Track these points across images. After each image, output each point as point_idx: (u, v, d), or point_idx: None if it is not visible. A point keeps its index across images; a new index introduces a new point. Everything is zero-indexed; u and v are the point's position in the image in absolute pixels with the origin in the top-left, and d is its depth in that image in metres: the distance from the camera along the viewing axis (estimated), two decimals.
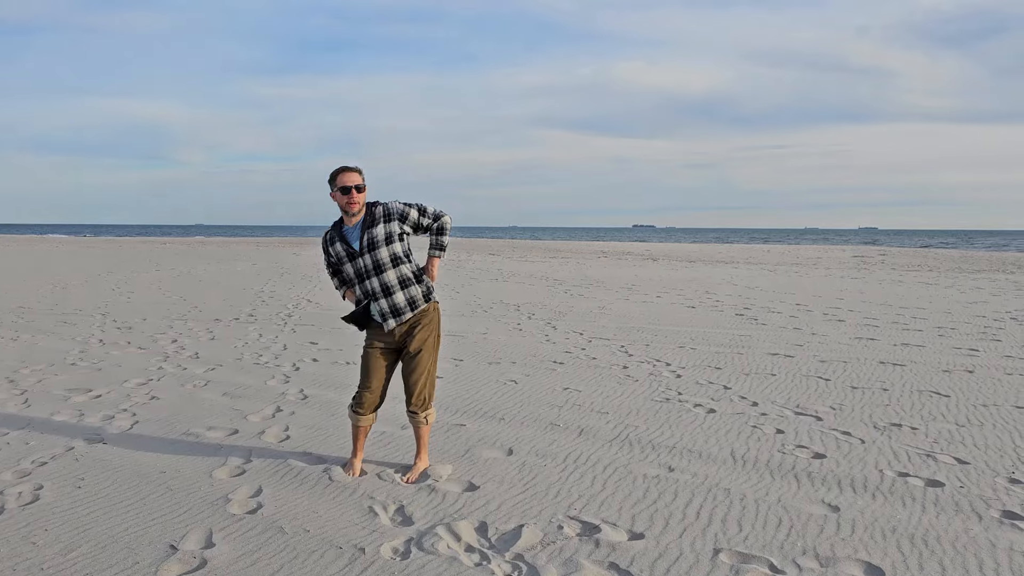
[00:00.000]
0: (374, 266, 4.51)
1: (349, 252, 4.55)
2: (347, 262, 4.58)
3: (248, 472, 4.85)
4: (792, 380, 7.73)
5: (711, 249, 51.69)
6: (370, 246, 4.50)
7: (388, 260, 4.53)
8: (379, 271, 4.53)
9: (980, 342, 10.28)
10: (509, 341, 10.09)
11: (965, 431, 5.91)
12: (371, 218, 4.54)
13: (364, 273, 4.53)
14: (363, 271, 4.53)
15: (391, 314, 4.58)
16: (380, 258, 4.51)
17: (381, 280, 4.54)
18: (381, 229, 4.52)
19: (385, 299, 4.56)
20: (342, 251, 4.57)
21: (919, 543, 3.88)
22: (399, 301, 4.57)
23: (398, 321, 4.59)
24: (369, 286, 4.55)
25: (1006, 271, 27.46)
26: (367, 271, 4.53)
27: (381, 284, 4.54)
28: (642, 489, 4.61)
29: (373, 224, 4.53)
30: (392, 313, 4.57)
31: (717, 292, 17.65)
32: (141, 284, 18.04)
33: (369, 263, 4.51)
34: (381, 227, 4.52)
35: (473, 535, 3.94)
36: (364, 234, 4.52)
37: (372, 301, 4.59)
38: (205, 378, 7.58)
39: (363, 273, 4.54)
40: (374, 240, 4.50)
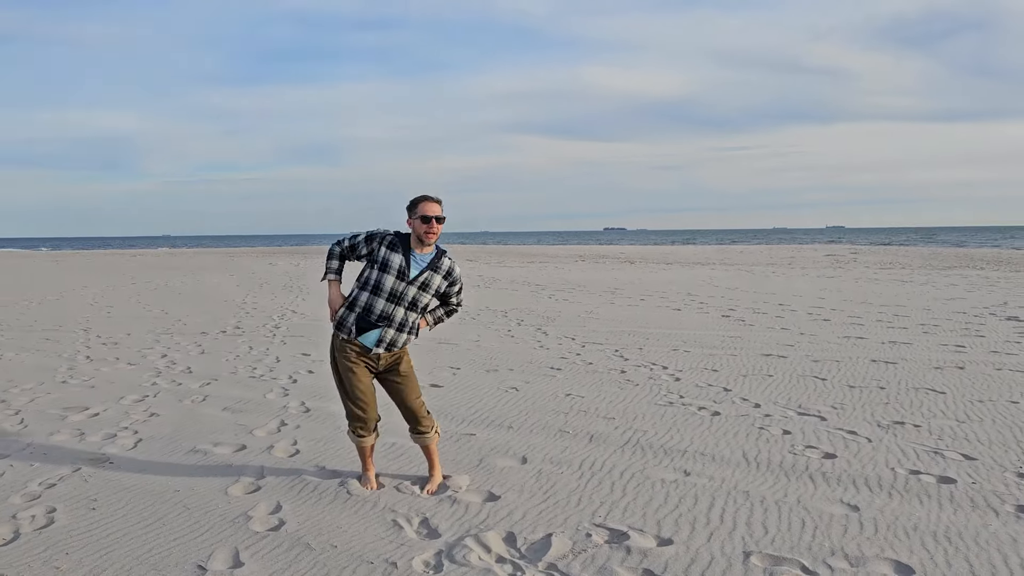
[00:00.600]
0: (411, 301, 4.56)
1: (402, 272, 4.52)
2: (392, 276, 4.51)
3: (264, 488, 4.80)
4: (790, 380, 7.81)
5: (686, 251, 52.08)
6: (422, 286, 4.58)
7: (422, 305, 4.63)
8: (410, 307, 4.57)
9: (965, 338, 10.46)
10: (503, 348, 10.08)
11: (967, 427, 6.01)
12: (438, 263, 4.65)
13: (399, 298, 4.53)
14: (398, 296, 4.53)
15: (386, 344, 4.58)
16: (419, 299, 4.60)
17: (404, 315, 4.57)
18: (439, 279, 4.65)
19: (394, 331, 4.57)
20: (396, 264, 4.52)
21: (942, 540, 3.94)
22: (399, 338, 4.62)
23: (388, 352, 4.61)
24: (389, 310, 4.53)
25: (975, 267, 27.97)
26: (403, 299, 4.54)
27: (400, 317, 4.56)
28: (662, 494, 4.63)
29: (436, 270, 4.63)
30: (388, 344, 4.58)
31: (699, 294, 17.78)
32: (119, 298, 17.77)
33: (411, 295, 4.55)
34: (439, 278, 4.65)
35: (502, 546, 3.93)
36: (426, 271, 4.59)
37: (377, 322, 4.53)
38: (202, 393, 7.49)
39: (396, 297, 4.52)
40: (428, 284, 4.60)
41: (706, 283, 21.27)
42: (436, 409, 6.73)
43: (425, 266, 4.58)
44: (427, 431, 4.77)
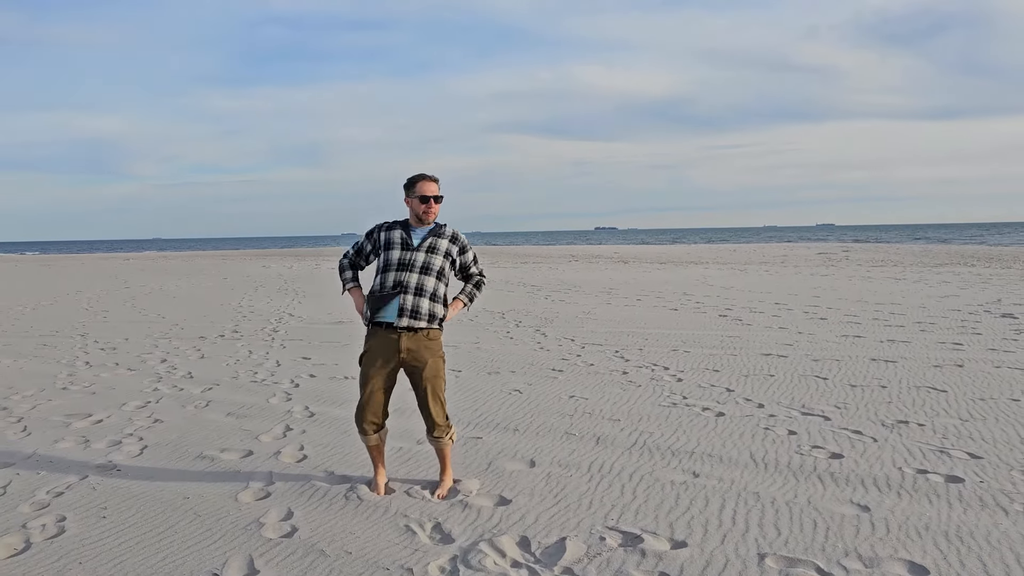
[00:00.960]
0: (423, 265, 4.60)
1: (405, 242, 4.64)
2: (396, 249, 4.62)
3: (273, 494, 4.79)
4: (791, 380, 7.84)
5: (678, 250, 52.19)
6: (429, 249, 4.64)
7: (435, 269, 4.63)
8: (424, 271, 4.59)
9: (962, 336, 10.52)
10: (503, 350, 10.09)
11: (970, 426, 6.05)
12: (439, 230, 4.76)
13: (409, 265, 4.57)
14: (409, 263, 4.57)
15: (410, 314, 4.53)
16: (431, 263, 4.62)
17: (419, 279, 4.57)
18: (445, 243, 4.73)
19: (412, 296, 4.54)
20: (397, 239, 4.65)
21: (954, 539, 3.96)
22: (423, 306, 4.56)
23: (412, 323, 4.54)
24: (405, 278, 4.55)
25: (967, 264, 28.13)
26: (413, 265, 4.57)
27: (418, 282, 4.57)
28: (673, 496, 4.64)
29: (440, 236, 4.74)
30: (411, 314, 4.54)
31: (695, 293, 17.83)
32: (114, 303, 17.70)
33: (420, 260, 4.60)
34: (446, 242, 4.74)
35: (517, 550, 3.94)
36: (429, 237, 4.68)
37: (397, 294, 4.53)
38: (205, 398, 7.47)
39: (407, 265, 4.57)
40: (435, 247, 4.67)
41: (701, 282, 21.32)
42: None
43: (427, 233, 4.69)
44: (440, 436, 4.74)
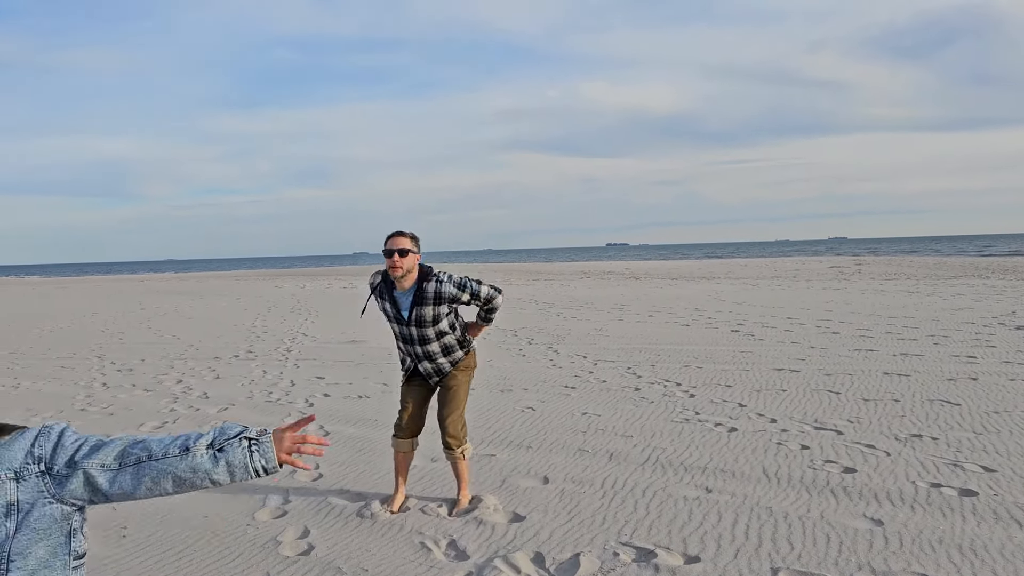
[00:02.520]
0: (419, 338, 4.64)
1: (397, 317, 4.64)
2: (394, 324, 4.69)
3: (290, 513, 4.84)
4: (803, 395, 7.85)
5: (690, 265, 52.14)
6: (418, 322, 4.58)
7: (433, 336, 4.65)
8: (424, 343, 4.66)
9: (976, 348, 10.49)
10: (515, 367, 10.13)
11: (984, 439, 6.04)
12: (421, 295, 4.54)
13: (410, 339, 4.67)
14: (409, 338, 4.67)
15: (435, 374, 4.78)
16: (426, 334, 4.63)
17: (425, 349, 4.68)
18: (430, 311, 4.55)
19: (429, 363, 4.73)
20: (391, 312, 4.66)
21: (968, 553, 3.97)
22: (442, 364, 4.75)
23: (439, 377, 4.80)
24: (414, 350, 4.70)
25: (981, 276, 27.99)
26: (413, 340, 4.66)
27: (425, 352, 4.69)
28: (686, 512, 4.66)
29: (423, 303, 4.54)
30: (436, 374, 4.78)
31: (707, 309, 17.83)
32: (130, 324, 17.86)
33: (416, 335, 4.63)
34: (430, 309, 4.55)
35: (531, 567, 3.97)
36: (414, 309, 4.56)
37: (411, 360, 4.78)
38: (220, 418, 7.54)
39: (409, 339, 4.67)
40: (422, 318, 4.57)
41: (713, 298, 21.31)
42: None
43: (410, 303, 4.56)
44: (452, 448, 4.77)
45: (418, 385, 4.82)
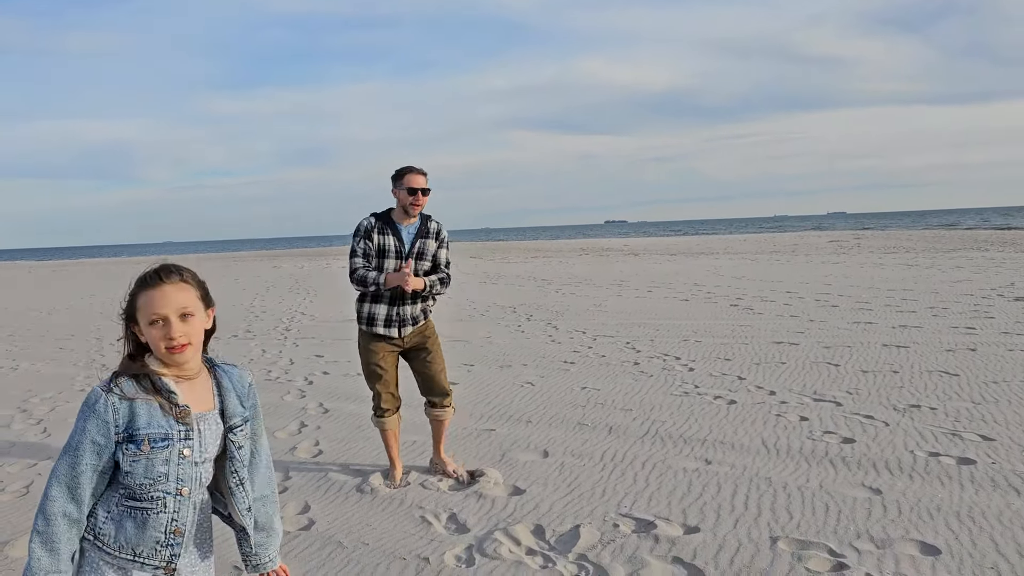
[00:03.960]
0: (414, 273, 4.65)
1: (399, 250, 4.64)
2: (392, 258, 4.64)
3: (291, 489, 4.85)
4: (802, 367, 7.85)
5: (689, 241, 52.09)
6: (419, 254, 4.68)
7: (423, 273, 4.73)
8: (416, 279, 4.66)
9: (975, 320, 10.49)
10: (514, 343, 10.13)
11: (983, 408, 6.05)
12: (426, 229, 4.74)
13: None
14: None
15: (410, 322, 4.71)
16: (421, 269, 4.70)
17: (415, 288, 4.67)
18: (432, 244, 4.76)
19: (409, 306, 4.69)
20: (392, 245, 4.64)
21: (966, 520, 3.98)
22: (418, 312, 4.75)
23: (410, 329, 4.73)
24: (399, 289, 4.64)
25: (980, 249, 27.97)
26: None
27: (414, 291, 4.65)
28: (685, 483, 4.68)
29: (427, 236, 4.74)
30: (412, 321, 4.72)
31: (706, 284, 17.82)
32: None
33: (412, 268, 4.64)
34: (433, 243, 4.76)
35: (531, 538, 3.98)
36: (418, 241, 4.68)
37: (392, 304, 4.66)
38: None
39: None
40: (424, 251, 4.70)
41: (712, 273, 21.30)
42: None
43: (415, 235, 4.70)
44: (446, 406, 4.91)
45: (389, 352, 4.74)
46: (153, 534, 2.04)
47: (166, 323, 2.02)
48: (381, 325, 4.68)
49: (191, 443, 2.06)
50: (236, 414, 2.19)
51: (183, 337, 2.03)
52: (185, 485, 2.06)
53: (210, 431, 2.13)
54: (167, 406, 2.04)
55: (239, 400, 2.22)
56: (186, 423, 2.06)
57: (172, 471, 2.04)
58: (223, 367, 2.25)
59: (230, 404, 2.19)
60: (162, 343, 2.02)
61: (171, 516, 2.06)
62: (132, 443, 1.99)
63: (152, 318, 2.02)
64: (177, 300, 2.05)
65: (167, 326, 2.02)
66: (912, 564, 3.53)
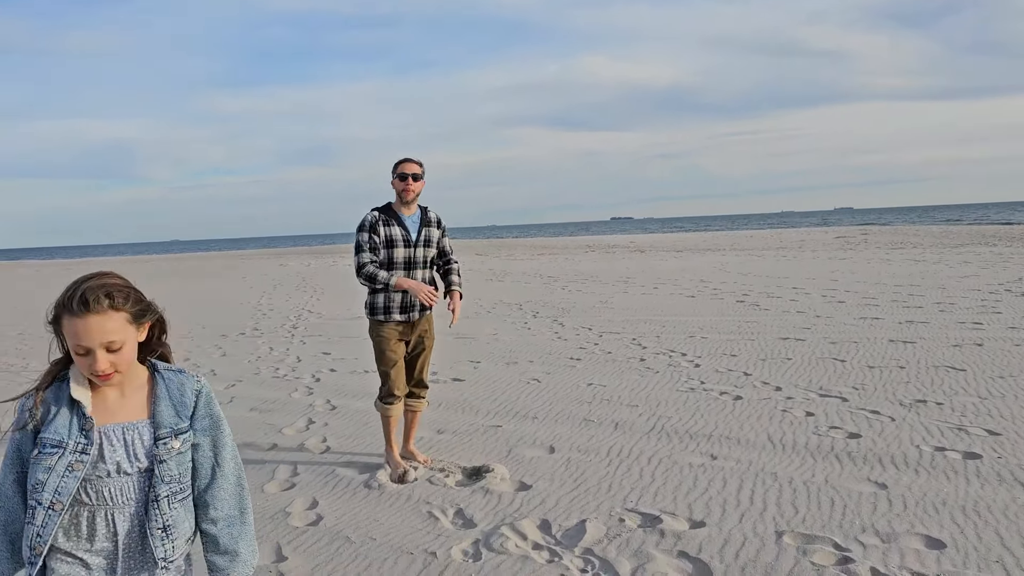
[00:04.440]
0: (423, 261, 4.89)
1: (406, 239, 4.83)
2: (400, 247, 4.82)
3: (298, 485, 4.89)
4: (809, 363, 7.86)
5: (695, 238, 52.03)
6: (425, 242, 4.91)
7: (430, 260, 4.97)
8: (425, 266, 4.92)
9: (982, 315, 10.47)
10: (520, 340, 10.16)
11: (989, 403, 6.05)
12: (427, 218, 5.00)
13: (413, 263, 4.86)
14: (413, 261, 4.85)
15: (419, 308, 4.91)
16: (428, 256, 4.94)
17: (423, 275, 4.92)
18: (436, 232, 5.03)
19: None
20: (399, 235, 4.82)
21: (971, 514, 3.99)
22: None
23: (422, 315, 4.94)
24: (413, 276, 4.87)
25: (988, 244, 27.88)
26: (416, 262, 4.86)
27: (423, 278, 4.91)
28: (691, 478, 4.69)
29: (430, 224, 4.99)
30: (421, 307, 4.91)
31: (712, 280, 17.81)
32: None
33: (421, 256, 4.88)
34: (436, 230, 5.03)
35: (538, 533, 4.01)
36: (423, 229, 4.90)
37: (406, 292, 4.82)
38: (228, 395, 7.59)
39: (412, 263, 4.85)
40: (429, 239, 4.94)
41: (718, 269, 21.29)
42: (460, 402, 6.83)
43: (419, 224, 4.92)
44: (423, 397, 5.22)
45: (398, 341, 4.93)
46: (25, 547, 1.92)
47: (90, 354, 1.87)
48: (397, 312, 4.85)
49: (86, 457, 1.91)
50: (166, 424, 2.01)
51: (109, 367, 1.89)
52: (60, 499, 1.89)
53: (136, 443, 1.98)
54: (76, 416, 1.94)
55: (175, 409, 2.04)
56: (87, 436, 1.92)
57: (51, 481, 1.89)
58: (164, 373, 2.08)
59: (161, 413, 2.02)
60: (86, 371, 1.91)
61: (35, 531, 1.90)
62: (34, 446, 1.92)
63: (76, 349, 1.89)
64: (103, 332, 1.87)
65: (91, 357, 1.88)
66: (917, 558, 3.54)
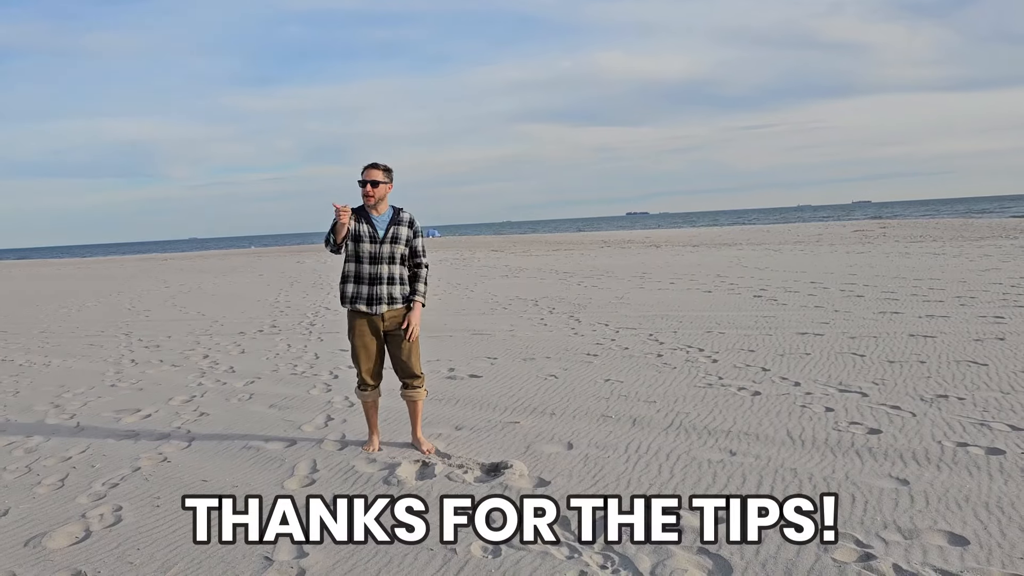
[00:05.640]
0: (389, 256, 5.17)
1: (372, 235, 5.19)
2: (366, 242, 5.14)
3: (318, 481, 4.92)
4: (827, 358, 7.81)
5: (711, 232, 51.79)
6: (393, 239, 5.19)
7: (399, 256, 5.23)
8: (391, 262, 5.20)
9: (1003, 309, 10.38)
10: (537, 336, 10.16)
11: (1012, 398, 6.00)
12: (398, 218, 5.30)
13: (378, 258, 5.16)
14: (378, 256, 5.16)
15: (386, 301, 5.21)
16: (395, 252, 5.20)
17: (390, 270, 5.21)
18: (405, 231, 5.30)
19: (386, 286, 5.21)
20: (365, 231, 5.15)
21: (995, 510, 3.96)
22: (395, 293, 5.28)
23: (389, 308, 5.25)
24: (378, 271, 5.18)
25: (1009, 237, 27.60)
26: (382, 258, 5.16)
27: (388, 273, 5.21)
28: (710, 474, 4.68)
29: (399, 223, 5.29)
30: (387, 301, 5.21)
31: (729, 275, 17.74)
32: (155, 302, 18.07)
33: (387, 252, 5.17)
34: (405, 229, 5.30)
35: (557, 529, 4.01)
36: (391, 227, 5.24)
37: (372, 284, 5.19)
38: (247, 391, 7.64)
39: (377, 258, 5.16)
40: (397, 236, 5.21)
41: (735, 264, 21.19)
42: (477, 399, 6.84)
43: (388, 222, 5.22)
44: (420, 385, 5.45)
45: (371, 335, 5.26)
46: None
47: None
48: (363, 303, 5.20)
49: None
50: None
51: None
52: None
53: None
54: None
55: None
56: None
57: None
58: None
59: None
60: None
61: None
62: None
63: None
64: None
65: None
66: (940, 554, 3.52)
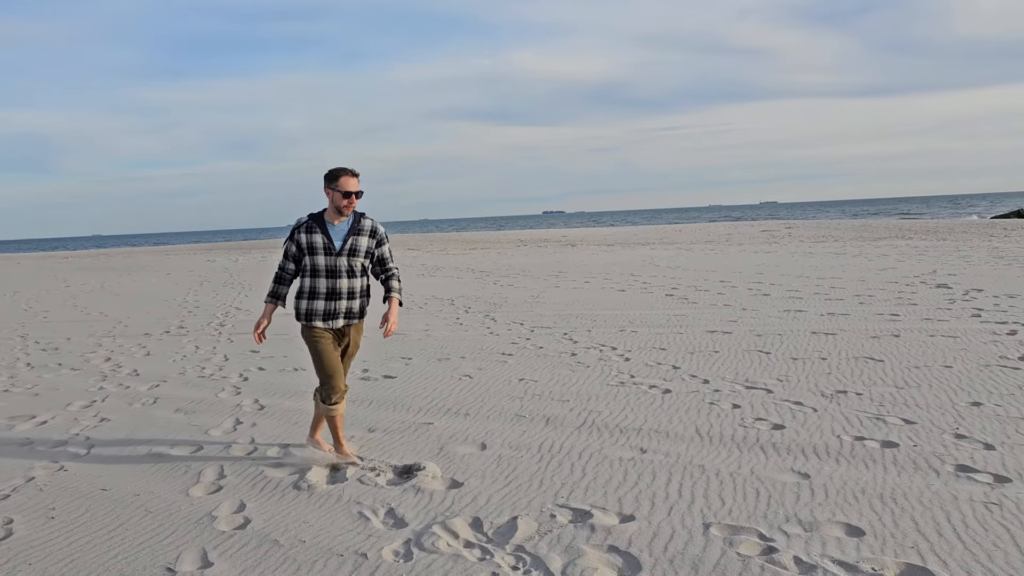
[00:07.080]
0: (347, 270, 4.85)
1: (327, 247, 4.82)
2: (320, 255, 4.82)
3: (225, 488, 4.78)
4: (735, 355, 8.03)
5: (625, 232, 52.65)
6: (351, 252, 4.85)
7: (359, 269, 4.91)
8: (350, 275, 4.87)
9: (898, 307, 10.86)
10: (452, 336, 10.13)
11: (905, 393, 6.28)
12: (358, 227, 4.89)
13: (336, 272, 4.84)
14: (336, 270, 4.84)
15: (344, 316, 4.92)
16: (354, 265, 4.87)
17: (349, 284, 4.89)
18: (365, 241, 4.91)
19: (346, 301, 4.91)
20: (319, 243, 4.82)
21: (889, 501, 4.14)
22: (355, 307, 4.97)
23: (347, 323, 4.96)
24: (337, 285, 4.86)
25: (904, 237, 28.93)
26: (339, 272, 4.84)
27: (348, 287, 4.89)
28: (621, 472, 4.75)
29: (360, 233, 4.89)
30: (346, 315, 4.93)
31: (642, 274, 18.06)
32: (54, 302, 17.27)
33: (344, 265, 4.84)
34: (366, 239, 4.97)
35: (469, 531, 4.00)
36: (349, 238, 4.85)
37: (328, 300, 4.86)
38: (152, 395, 7.38)
39: (335, 272, 4.84)
40: (356, 248, 4.87)
41: (647, 263, 21.59)
42: (391, 400, 6.78)
43: (347, 232, 4.87)
44: (343, 399, 5.10)
45: (333, 345, 4.97)
46: None
47: None
48: (319, 320, 4.88)
49: None
50: None
51: None
52: None
53: None
54: None
55: None
56: None
57: None
58: None
59: None
60: None
61: None
62: None
63: None
64: None
65: None
66: (838, 546, 3.65)
